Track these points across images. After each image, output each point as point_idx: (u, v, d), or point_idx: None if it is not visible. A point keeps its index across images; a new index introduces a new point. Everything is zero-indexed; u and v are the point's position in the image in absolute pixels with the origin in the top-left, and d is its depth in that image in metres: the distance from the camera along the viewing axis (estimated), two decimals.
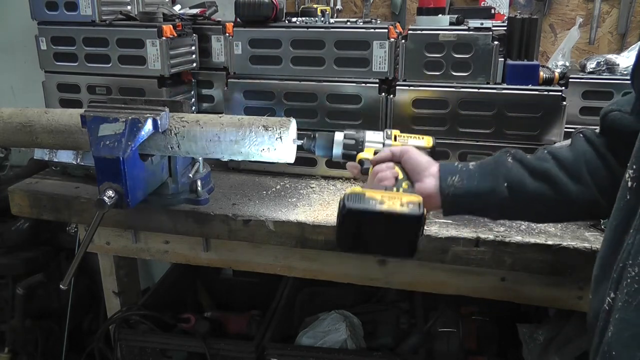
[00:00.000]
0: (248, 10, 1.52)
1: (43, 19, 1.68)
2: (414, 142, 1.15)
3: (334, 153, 1.19)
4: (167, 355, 1.69)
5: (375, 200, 0.92)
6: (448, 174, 1.01)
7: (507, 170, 0.99)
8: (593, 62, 1.57)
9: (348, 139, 1.17)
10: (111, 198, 1.16)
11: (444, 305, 1.88)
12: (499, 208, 1.01)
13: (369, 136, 1.17)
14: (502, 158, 1.02)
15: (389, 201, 0.92)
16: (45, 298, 2.26)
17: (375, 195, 0.93)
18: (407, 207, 0.91)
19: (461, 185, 0.99)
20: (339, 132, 1.19)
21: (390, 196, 0.93)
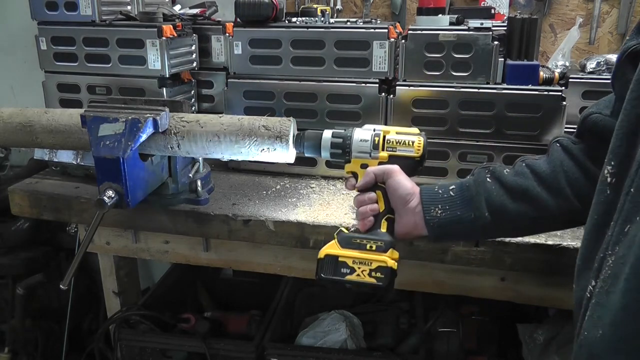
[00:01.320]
0: (248, 10, 1.52)
1: (43, 19, 1.68)
2: (403, 151, 1.10)
3: (323, 155, 1.16)
4: (167, 355, 1.69)
5: (346, 268, 1.02)
6: (431, 205, 1.03)
7: (487, 193, 1.01)
8: (593, 62, 1.57)
9: (335, 148, 1.13)
10: (111, 198, 1.16)
11: (444, 305, 1.88)
12: (482, 232, 1.05)
13: (355, 144, 1.12)
14: (481, 177, 1.03)
15: (359, 269, 1.02)
16: (45, 298, 2.26)
17: (347, 260, 1.02)
18: (375, 277, 1.01)
19: (444, 215, 1.02)
20: (328, 131, 1.15)
21: (362, 260, 1.02)
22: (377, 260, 1.01)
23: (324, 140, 1.15)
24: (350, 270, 1.02)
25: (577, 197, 0.97)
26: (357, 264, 1.02)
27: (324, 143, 1.14)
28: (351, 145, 1.12)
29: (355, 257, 1.02)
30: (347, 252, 1.03)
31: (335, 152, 1.14)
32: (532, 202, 0.99)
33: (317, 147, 1.15)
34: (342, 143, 1.13)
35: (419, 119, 1.47)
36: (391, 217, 1.06)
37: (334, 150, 1.14)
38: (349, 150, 1.12)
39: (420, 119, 1.47)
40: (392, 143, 1.11)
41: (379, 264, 1.01)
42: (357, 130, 1.14)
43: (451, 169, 1.49)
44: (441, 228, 1.02)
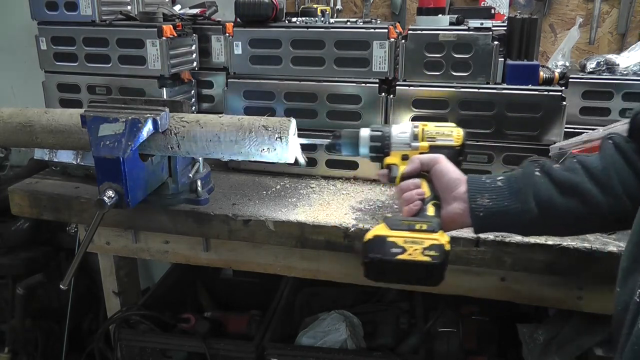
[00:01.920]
0: (248, 10, 1.52)
1: (43, 19, 1.68)
2: (443, 141, 1.11)
3: (361, 152, 1.16)
4: (167, 355, 1.69)
5: (397, 248, 0.95)
6: (477, 194, 0.99)
7: (535, 186, 0.97)
8: (593, 62, 1.57)
9: (374, 141, 1.14)
10: (111, 198, 1.16)
11: (444, 305, 1.88)
12: (528, 226, 1.00)
13: (395, 136, 1.13)
14: (529, 170, 1.00)
15: (411, 249, 0.94)
16: (45, 298, 2.26)
17: (397, 240, 0.95)
18: (429, 255, 0.94)
19: (491, 205, 0.98)
20: (365, 128, 1.16)
21: (413, 239, 0.95)
22: (429, 238, 0.95)
23: (362, 136, 1.15)
24: (401, 249, 0.95)
25: (628, 196, 0.93)
26: (408, 243, 0.95)
27: (362, 139, 1.15)
28: (390, 137, 1.13)
29: (406, 236, 0.96)
30: (396, 233, 0.97)
31: (374, 145, 1.14)
32: (581, 197, 0.94)
33: (355, 144, 1.15)
34: (381, 136, 1.14)
35: (419, 119, 1.47)
36: (437, 204, 1.03)
37: (374, 144, 1.14)
38: (388, 143, 1.13)
39: (420, 119, 1.47)
40: (431, 133, 1.11)
41: (432, 242, 0.95)
42: (394, 129, 1.15)
43: None
44: (486, 218, 0.99)
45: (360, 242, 1.26)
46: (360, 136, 1.15)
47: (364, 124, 1.50)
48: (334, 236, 1.28)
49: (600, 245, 1.17)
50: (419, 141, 1.12)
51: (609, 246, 1.17)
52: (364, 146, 1.15)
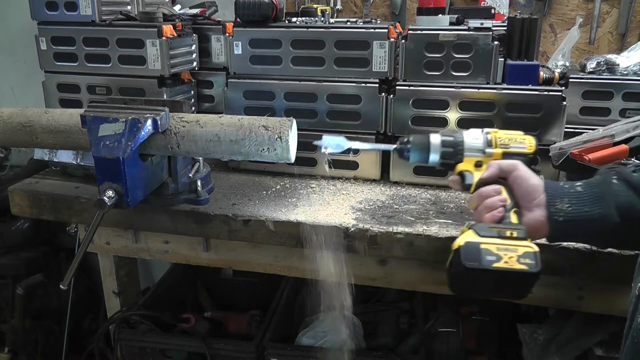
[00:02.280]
0: (248, 10, 1.52)
1: (43, 19, 1.68)
2: (516, 148, 1.07)
3: (431, 160, 1.10)
4: (167, 355, 1.69)
5: (492, 256, 0.91)
6: (557, 198, 0.96)
7: (615, 193, 0.94)
8: (593, 62, 1.57)
9: (446, 147, 1.08)
10: (111, 198, 1.16)
11: (444, 305, 1.88)
12: (608, 234, 0.96)
13: (467, 142, 1.08)
14: (607, 177, 0.97)
15: (506, 256, 0.91)
16: (45, 298, 2.26)
17: (491, 247, 0.92)
18: (525, 263, 0.90)
19: (571, 210, 0.94)
20: (434, 134, 1.10)
21: (507, 247, 0.91)
22: (522, 246, 0.91)
23: (433, 143, 1.10)
24: (497, 257, 0.91)
25: None
26: (502, 251, 0.91)
27: (433, 145, 1.09)
28: (463, 142, 1.08)
29: (500, 244, 0.92)
30: (488, 240, 0.92)
31: (446, 151, 1.09)
32: None
33: (425, 150, 1.10)
34: (454, 141, 1.09)
35: (419, 119, 1.47)
36: (519, 211, 0.99)
37: (446, 150, 1.09)
38: (461, 149, 1.08)
39: (420, 119, 1.47)
40: (504, 140, 1.07)
41: (525, 250, 0.91)
42: (465, 135, 1.10)
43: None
44: (566, 224, 0.94)
45: (360, 242, 1.27)
46: (431, 142, 1.09)
47: (364, 124, 1.52)
48: (334, 236, 1.28)
49: None
50: (493, 148, 1.07)
51: None
52: (435, 152, 1.09)
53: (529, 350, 1.49)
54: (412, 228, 1.26)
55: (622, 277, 1.17)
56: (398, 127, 1.49)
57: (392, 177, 1.53)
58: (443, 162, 1.10)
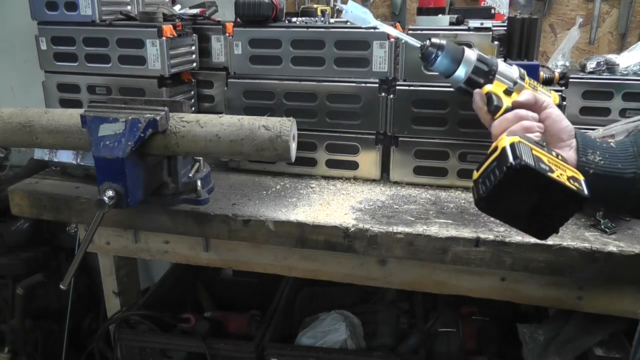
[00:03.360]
0: (248, 10, 1.52)
1: (43, 19, 1.67)
2: (543, 94, 1.01)
3: (457, 73, 1.01)
4: (167, 355, 1.69)
5: (546, 165, 0.79)
6: (589, 148, 0.89)
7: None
8: (593, 62, 1.57)
9: (481, 62, 1.00)
10: (111, 198, 1.16)
11: (444, 305, 1.88)
12: (635, 199, 0.89)
13: (502, 67, 1.00)
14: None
15: (558, 170, 0.79)
16: (45, 298, 2.26)
17: (543, 157, 0.80)
18: (574, 184, 0.79)
19: (602, 164, 0.88)
20: (470, 49, 1.02)
21: (556, 164, 0.81)
22: (569, 169, 0.82)
23: (467, 54, 1.01)
24: (549, 168, 0.79)
25: None
26: (553, 164, 0.80)
27: (467, 56, 1.01)
28: (498, 65, 1.01)
29: (550, 158, 0.82)
30: (538, 150, 0.82)
31: (479, 67, 1.00)
32: None
33: (457, 59, 1.01)
34: (490, 60, 1.01)
35: (419, 119, 1.47)
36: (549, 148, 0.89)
37: (479, 65, 1.00)
38: (495, 69, 1.00)
39: (420, 119, 1.47)
40: (533, 83, 1.02)
41: (573, 174, 0.82)
42: (500, 62, 1.03)
43: (451, 169, 1.49)
44: (595, 177, 0.87)
45: (360, 242, 1.27)
46: (466, 53, 1.00)
47: (364, 124, 1.52)
48: (334, 236, 1.28)
49: (600, 245, 1.17)
50: (525, 83, 1.00)
51: (609, 246, 1.17)
52: (466, 65, 1.00)
53: (529, 350, 1.49)
54: (412, 228, 1.26)
55: (622, 277, 1.18)
56: (398, 127, 1.49)
57: (392, 177, 1.53)
58: (471, 78, 1.01)
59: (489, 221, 1.28)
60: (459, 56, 1.01)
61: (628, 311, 1.28)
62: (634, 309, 1.26)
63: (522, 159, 0.77)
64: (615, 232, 1.23)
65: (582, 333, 1.41)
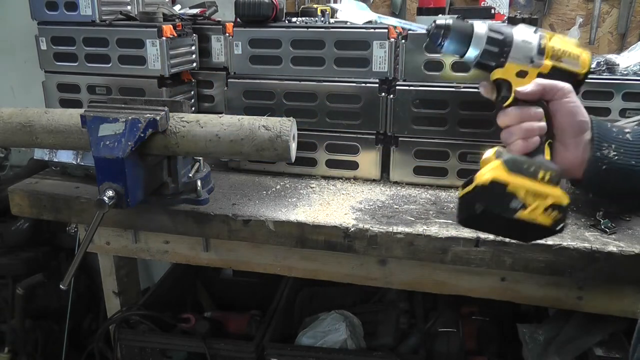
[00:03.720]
0: (248, 10, 1.52)
1: (43, 19, 1.67)
2: (568, 64, 0.90)
3: (468, 54, 0.93)
4: (167, 355, 1.69)
5: (517, 202, 0.79)
6: (604, 142, 0.84)
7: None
8: (593, 62, 1.57)
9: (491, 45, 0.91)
10: (111, 198, 1.16)
11: (444, 305, 1.88)
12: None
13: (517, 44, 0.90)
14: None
15: (533, 205, 0.79)
16: (45, 298, 2.26)
17: (519, 191, 0.79)
18: (551, 217, 0.80)
19: (616, 160, 0.84)
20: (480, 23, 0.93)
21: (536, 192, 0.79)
22: (552, 195, 0.80)
23: (477, 34, 0.91)
24: (522, 205, 0.79)
25: None
26: (530, 196, 0.79)
27: (476, 37, 0.91)
28: (512, 44, 0.90)
29: (529, 188, 0.80)
30: (518, 180, 0.80)
31: (490, 50, 0.91)
32: None
33: (465, 41, 0.92)
34: (502, 40, 0.91)
35: (419, 119, 1.47)
36: (552, 143, 0.88)
37: (490, 48, 0.91)
38: (507, 50, 0.90)
39: (420, 119, 1.47)
40: (558, 52, 0.90)
41: (555, 201, 0.79)
42: (515, 33, 0.92)
43: (451, 169, 1.49)
44: (606, 173, 0.84)
45: (360, 242, 1.27)
46: (475, 33, 0.91)
47: (364, 124, 1.52)
48: (334, 236, 1.28)
49: (600, 245, 1.17)
50: (544, 58, 0.90)
51: (609, 246, 1.17)
52: (476, 46, 0.91)
53: (529, 350, 1.49)
54: (412, 228, 1.26)
55: (622, 277, 1.18)
56: (398, 127, 1.49)
57: (392, 177, 1.53)
58: (480, 62, 0.94)
59: None
60: (468, 36, 0.92)
61: (628, 311, 1.28)
62: (634, 309, 1.26)
63: (487, 206, 0.79)
64: (615, 232, 1.23)
65: (582, 333, 1.41)
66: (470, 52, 0.93)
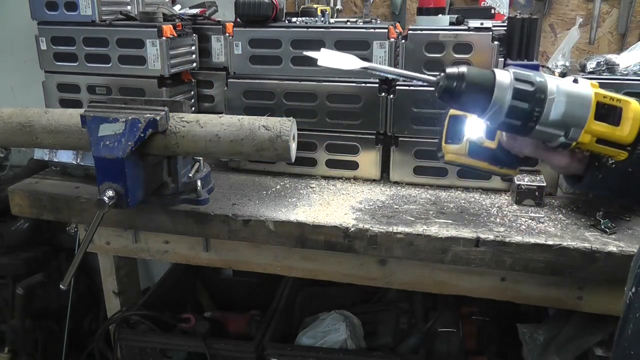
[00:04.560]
0: (248, 10, 1.52)
1: (43, 19, 1.68)
2: None
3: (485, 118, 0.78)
4: (167, 355, 1.69)
5: None
6: None
7: None
8: (593, 62, 1.57)
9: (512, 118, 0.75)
10: (111, 198, 1.16)
11: (444, 305, 1.88)
12: None
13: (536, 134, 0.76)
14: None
15: None
16: (45, 298, 2.26)
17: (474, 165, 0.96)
18: None
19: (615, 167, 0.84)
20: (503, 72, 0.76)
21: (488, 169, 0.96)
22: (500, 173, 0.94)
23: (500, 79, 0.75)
24: None
25: None
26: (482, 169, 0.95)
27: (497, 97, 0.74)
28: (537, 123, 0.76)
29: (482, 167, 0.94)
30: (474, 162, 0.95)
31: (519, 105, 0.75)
32: None
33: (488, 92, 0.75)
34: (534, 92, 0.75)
35: (419, 119, 1.47)
36: None
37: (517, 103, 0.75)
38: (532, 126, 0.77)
39: (420, 119, 1.47)
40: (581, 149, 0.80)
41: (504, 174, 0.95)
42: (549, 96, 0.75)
43: (451, 169, 1.49)
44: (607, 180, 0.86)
45: (360, 242, 1.27)
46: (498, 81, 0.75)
47: (364, 124, 1.51)
48: (334, 236, 1.28)
49: (600, 245, 1.17)
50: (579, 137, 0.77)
51: (609, 246, 1.17)
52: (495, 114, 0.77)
53: (529, 350, 1.49)
54: (412, 228, 1.26)
55: (622, 277, 1.18)
56: (398, 127, 1.49)
57: (392, 177, 1.53)
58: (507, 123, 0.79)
59: (489, 221, 1.29)
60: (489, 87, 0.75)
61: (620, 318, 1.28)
62: None
63: None
64: (615, 232, 1.23)
65: (582, 333, 1.41)
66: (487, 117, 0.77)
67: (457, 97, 0.78)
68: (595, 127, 0.76)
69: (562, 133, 0.76)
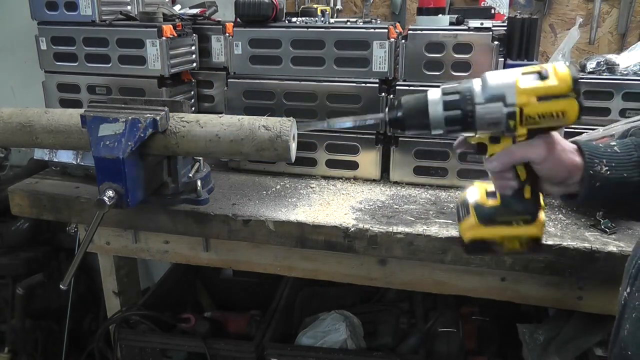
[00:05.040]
0: (248, 10, 1.52)
1: (43, 19, 1.68)
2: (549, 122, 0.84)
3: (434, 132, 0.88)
4: (167, 355, 1.69)
5: (498, 246, 0.93)
6: (595, 158, 0.87)
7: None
8: (593, 62, 1.57)
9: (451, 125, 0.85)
10: (111, 198, 1.16)
11: (444, 305, 1.88)
12: None
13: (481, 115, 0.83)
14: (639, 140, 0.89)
15: (509, 243, 0.93)
16: (45, 298, 2.26)
17: (496, 239, 0.93)
18: (526, 246, 0.92)
19: (609, 175, 0.86)
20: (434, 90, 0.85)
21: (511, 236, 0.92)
22: (527, 234, 0.91)
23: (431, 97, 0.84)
24: (501, 246, 0.93)
25: None
26: (506, 240, 0.92)
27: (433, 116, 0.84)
28: (474, 115, 0.83)
29: (505, 235, 0.92)
30: (493, 231, 0.92)
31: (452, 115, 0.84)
32: None
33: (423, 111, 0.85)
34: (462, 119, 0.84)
35: None
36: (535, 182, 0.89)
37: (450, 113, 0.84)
38: (472, 121, 0.84)
39: None
40: (534, 119, 0.83)
41: (529, 236, 0.91)
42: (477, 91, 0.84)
43: (451, 169, 1.49)
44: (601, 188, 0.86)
45: (360, 242, 1.27)
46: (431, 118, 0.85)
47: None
48: (334, 236, 1.28)
49: (600, 245, 1.17)
50: (517, 128, 0.83)
51: (609, 246, 1.17)
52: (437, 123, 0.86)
53: (529, 350, 1.49)
54: (412, 228, 1.26)
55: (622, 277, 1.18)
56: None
57: (392, 177, 1.53)
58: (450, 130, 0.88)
59: None
60: (423, 107, 0.85)
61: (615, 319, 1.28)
62: None
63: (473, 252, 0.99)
64: (615, 232, 1.23)
65: (582, 333, 1.41)
66: (434, 131, 0.88)
67: (401, 123, 0.88)
68: (525, 85, 0.82)
69: (500, 104, 0.82)
